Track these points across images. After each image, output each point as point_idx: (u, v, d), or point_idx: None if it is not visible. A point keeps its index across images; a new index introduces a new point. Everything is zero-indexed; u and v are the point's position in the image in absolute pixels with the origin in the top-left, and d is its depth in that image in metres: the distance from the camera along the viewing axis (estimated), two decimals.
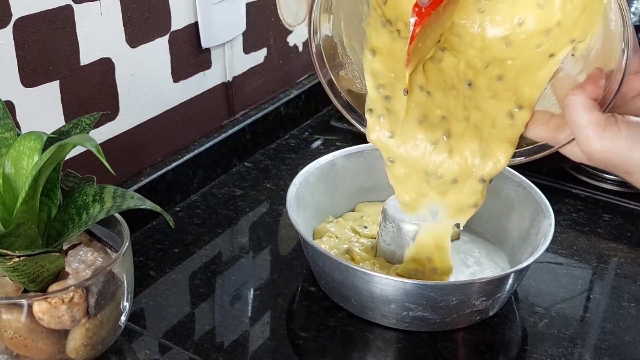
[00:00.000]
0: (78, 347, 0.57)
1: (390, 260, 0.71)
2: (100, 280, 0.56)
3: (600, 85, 0.51)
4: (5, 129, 0.57)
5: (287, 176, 0.91)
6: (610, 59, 0.52)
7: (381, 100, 0.63)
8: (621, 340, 0.66)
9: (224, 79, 0.92)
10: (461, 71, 0.61)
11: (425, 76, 0.62)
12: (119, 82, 0.76)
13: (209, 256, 0.76)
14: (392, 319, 0.65)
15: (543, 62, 0.58)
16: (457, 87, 0.62)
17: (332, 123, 1.04)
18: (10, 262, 0.52)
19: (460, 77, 0.62)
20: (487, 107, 0.60)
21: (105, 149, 0.75)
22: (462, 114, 0.62)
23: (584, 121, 0.50)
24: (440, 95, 0.62)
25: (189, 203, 0.85)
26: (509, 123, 0.59)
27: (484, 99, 0.61)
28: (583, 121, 0.50)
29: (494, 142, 0.60)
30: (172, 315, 0.67)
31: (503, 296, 0.67)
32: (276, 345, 0.65)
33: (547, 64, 0.58)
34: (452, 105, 0.62)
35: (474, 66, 0.61)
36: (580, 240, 0.80)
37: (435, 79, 0.62)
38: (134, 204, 0.55)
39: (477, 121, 0.61)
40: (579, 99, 0.50)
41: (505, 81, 0.60)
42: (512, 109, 0.59)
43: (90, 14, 0.71)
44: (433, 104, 0.62)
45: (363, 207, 0.81)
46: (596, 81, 0.51)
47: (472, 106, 0.61)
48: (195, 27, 0.84)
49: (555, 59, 0.58)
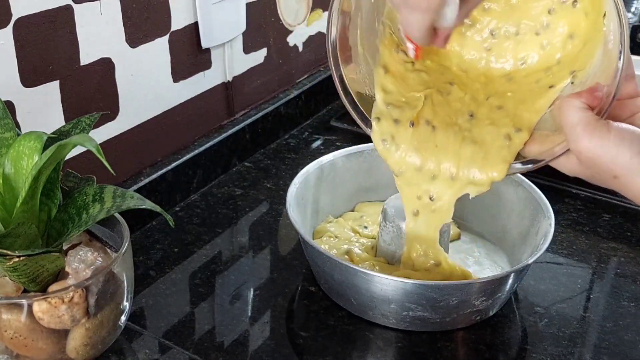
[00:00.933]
0: (78, 347, 0.57)
1: (390, 260, 0.71)
2: (100, 280, 0.56)
3: (596, 96, 0.52)
4: (5, 129, 0.57)
5: (287, 176, 0.91)
6: (608, 73, 0.53)
7: (388, 116, 0.64)
8: (621, 339, 0.66)
9: (223, 79, 0.92)
10: (465, 103, 0.63)
11: (433, 109, 0.63)
12: (119, 82, 0.76)
13: (208, 256, 0.76)
14: (392, 319, 0.65)
15: (542, 93, 0.60)
16: (459, 123, 0.63)
17: (332, 123, 1.04)
18: (10, 262, 0.52)
19: (464, 109, 0.63)
20: (486, 134, 0.62)
21: (105, 149, 0.75)
22: (458, 146, 0.63)
23: (575, 119, 0.51)
24: (443, 131, 0.63)
25: (189, 203, 0.85)
26: (506, 144, 0.60)
27: (484, 126, 0.62)
28: (574, 120, 0.51)
29: (488, 166, 0.61)
30: (172, 315, 0.68)
31: (503, 296, 0.67)
32: (276, 345, 0.65)
33: (547, 93, 0.60)
34: (451, 141, 0.63)
35: (477, 98, 0.63)
36: (580, 240, 0.80)
37: (442, 112, 0.63)
38: (134, 204, 0.55)
39: (473, 153, 0.62)
40: (573, 102, 0.52)
41: (504, 110, 0.62)
42: (510, 132, 0.60)
43: (90, 14, 0.71)
44: (434, 139, 0.63)
45: (363, 207, 0.81)
46: (592, 92, 0.52)
47: (469, 140, 0.62)
48: (195, 27, 0.84)
49: (555, 89, 0.59)
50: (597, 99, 0.52)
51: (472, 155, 0.62)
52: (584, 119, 0.50)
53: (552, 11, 0.61)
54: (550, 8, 0.61)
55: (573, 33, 0.60)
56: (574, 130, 0.51)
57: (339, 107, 1.09)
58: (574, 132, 0.51)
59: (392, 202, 0.71)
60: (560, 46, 0.60)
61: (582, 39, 0.59)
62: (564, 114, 0.52)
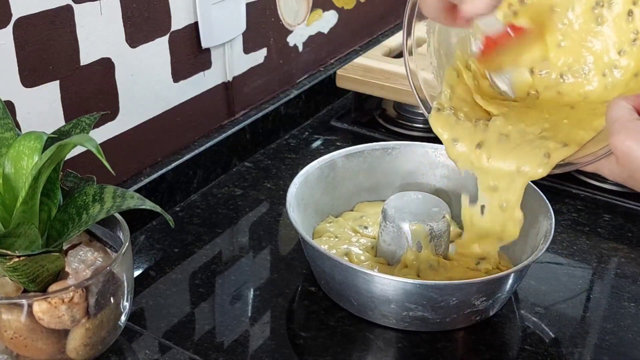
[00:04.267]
0: (78, 347, 0.57)
1: (390, 260, 0.71)
2: (100, 280, 0.56)
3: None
4: (5, 129, 0.57)
5: (287, 176, 0.91)
6: None
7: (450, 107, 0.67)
8: (621, 339, 0.66)
9: (224, 79, 0.92)
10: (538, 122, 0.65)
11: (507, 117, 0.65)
12: (119, 82, 0.76)
13: (209, 256, 0.76)
14: (392, 319, 0.65)
15: (599, 117, 0.61)
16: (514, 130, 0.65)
17: (332, 123, 1.04)
18: (10, 262, 0.52)
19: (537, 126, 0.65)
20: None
21: (105, 149, 0.75)
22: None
23: (616, 116, 0.52)
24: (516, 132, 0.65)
25: (189, 203, 0.85)
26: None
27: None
28: (615, 115, 0.52)
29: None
30: (172, 315, 0.68)
31: (503, 296, 0.67)
32: (276, 345, 0.65)
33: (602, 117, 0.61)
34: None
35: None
36: (580, 240, 0.80)
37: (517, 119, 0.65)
38: (134, 204, 0.55)
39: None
40: (620, 102, 0.53)
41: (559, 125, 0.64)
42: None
43: (90, 14, 0.71)
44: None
45: (363, 207, 0.81)
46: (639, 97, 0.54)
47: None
48: (195, 27, 0.84)
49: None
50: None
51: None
52: (625, 116, 0.52)
53: (622, 52, 0.63)
54: (621, 49, 0.63)
55: (638, 71, 0.62)
56: (613, 125, 0.52)
57: (339, 107, 1.09)
58: (613, 126, 0.52)
59: (392, 202, 0.71)
60: (624, 85, 0.62)
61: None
62: (608, 111, 0.53)
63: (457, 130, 0.65)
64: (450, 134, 0.65)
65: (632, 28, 0.62)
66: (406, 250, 0.69)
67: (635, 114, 0.52)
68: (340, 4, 1.12)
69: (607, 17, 0.63)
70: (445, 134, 0.65)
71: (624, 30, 0.63)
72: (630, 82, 0.62)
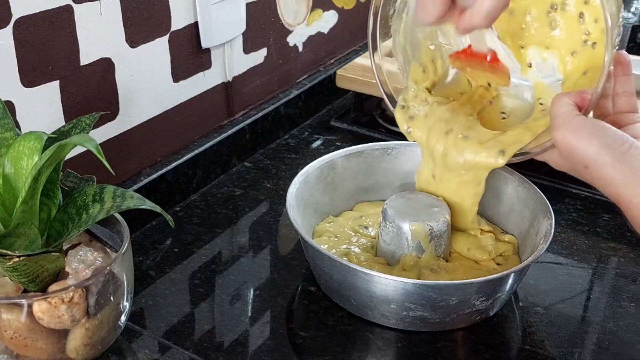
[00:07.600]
0: (78, 347, 0.57)
1: (390, 260, 0.71)
2: (100, 280, 0.56)
3: (584, 98, 0.57)
4: (5, 129, 0.57)
5: (286, 176, 0.91)
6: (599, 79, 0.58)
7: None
8: (621, 339, 0.66)
9: (223, 79, 0.92)
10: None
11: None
12: (119, 82, 0.76)
13: (208, 256, 0.76)
14: (391, 319, 0.65)
15: (545, 114, 0.66)
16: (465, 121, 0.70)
17: (332, 123, 1.04)
18: (10, 262, 0.52)
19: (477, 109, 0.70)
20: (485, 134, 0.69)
21: (105, 149, 0.75)
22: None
23: (558, 112, 0.56)
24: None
25: (189, 203, 0.85)
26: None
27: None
28: (557, 112, 0.56)
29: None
30: (172, 315, 0.68)
31: (503, 296, 0.67)
32: (276, 345, 0.65)
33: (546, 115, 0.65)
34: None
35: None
36: (580, 240, 0.80)
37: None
38: (134, 204, 0.55)
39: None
40: (562, 98, 0.57)
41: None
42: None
43: (90, 14, 0.71)
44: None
45: (362, 207, 0.81)
46: (581, 93, 0.58)
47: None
48: (195, 27, 0.84)
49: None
50: (584, 100, 0.57)
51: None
52: (566, 112, 0.56)
53: (574, 53, 0.66)
54: (574, 51, 0.66)
55: (587, 69, 0.64)
56: (555, 120, 0.56)
57: (339, 107, 1.09)
58: (555, 121, 0.56)
59: (392, 202, 0.71)
60: (572, 83, 0.65)
61: (595, 73, 0.62)
62: (552, 106, 0.57)
63: (416, 122, 0.70)
64: (411, 126, 0.70)
65: (583, 29, 0.64)
66: (406, 255, 0.69)
67: (576, 110, 0.56)
68: (340, 4, 1.12)
69: (560, 21, 0.66)
70: (405, 126, 0.71)
71: (576, 32, 0.65)
72: (579, 81, 0.64)
